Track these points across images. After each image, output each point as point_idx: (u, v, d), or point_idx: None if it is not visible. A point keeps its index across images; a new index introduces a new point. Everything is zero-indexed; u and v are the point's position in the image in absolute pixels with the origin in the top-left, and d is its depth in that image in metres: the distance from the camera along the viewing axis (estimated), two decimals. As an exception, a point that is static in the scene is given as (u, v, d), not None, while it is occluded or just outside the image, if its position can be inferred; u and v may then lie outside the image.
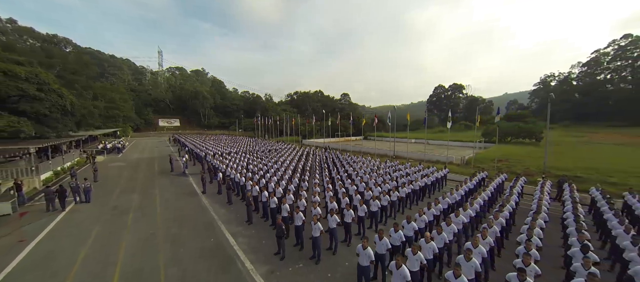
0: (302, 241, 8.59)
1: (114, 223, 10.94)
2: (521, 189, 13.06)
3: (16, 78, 18.84)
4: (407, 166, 18.18)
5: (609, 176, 15.96)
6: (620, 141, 39.62)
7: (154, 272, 7.39)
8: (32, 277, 7.15)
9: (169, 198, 14.44)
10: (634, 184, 14.46)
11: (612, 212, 8.55)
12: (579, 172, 17.09)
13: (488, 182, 14.05)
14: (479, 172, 15.38)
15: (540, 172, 16.92)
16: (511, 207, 9.56)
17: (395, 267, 5.34)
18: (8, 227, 10.35)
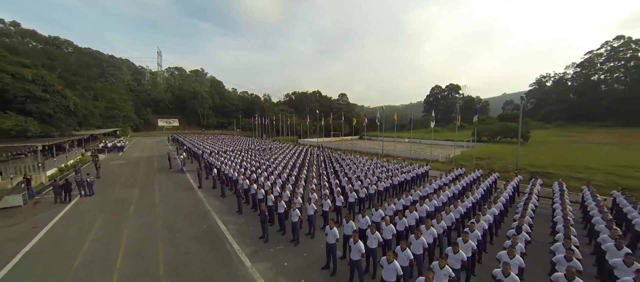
0: (284, 227, 9.70)
1: (117, 213, 12.05)
2: (515, 187, 13.15)
3: (23, 80, 19.97)
4: (393, 163, 19.30)
5: (578, 173, 17.11)
6: (606, 140, 40.79)
7: (153, 251, 8.51)
8: (48, 257, 8.25)
9: (167, 192, 15.55)
10: (598, 180, 15.63)
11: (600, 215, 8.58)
12: (551, 168, 18.26)
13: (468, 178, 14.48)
14: (456, 169, 16.51)
15: (515, 169, 18.05)
16: (502, 203, 9.85)
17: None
18: (22, 216, 11.46)
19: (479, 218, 7.66)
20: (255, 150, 28.76)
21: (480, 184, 12.84)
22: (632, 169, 17.51)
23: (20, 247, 8.75)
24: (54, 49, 36.54)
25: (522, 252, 6.30)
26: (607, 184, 14.67)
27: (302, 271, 7.38)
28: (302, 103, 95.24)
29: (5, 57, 20.23)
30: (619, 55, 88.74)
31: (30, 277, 7.17)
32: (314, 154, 25.95)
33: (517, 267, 5.66)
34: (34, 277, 7.17)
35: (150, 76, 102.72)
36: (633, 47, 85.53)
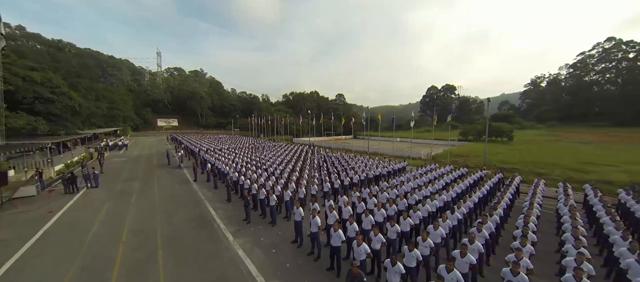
0: (265, 211, 11.30)
1: (120, 201, 13.64)
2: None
3: (33, 82, 21.56)
4: (376, 160, 20.93)
5: (541, 168, 18.74)
6: (590, 139, 42.40)
7: (153, 230, 10.11)
8: (64, 234, 9.85)
9: (165, 185, 17.15)
10: (556, 174, 17.24)
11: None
12: (518, 165, 19.87)
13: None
14: (429, 164, 18.13)
15: (482, 165, 19.65)
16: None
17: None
18: (37, 204, 13.07)
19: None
20: (248, 148, 30.36)
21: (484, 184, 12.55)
22: (590, 164, 19.13)
23: (40, 227, 10.35)
24: (58, 52, 38.14)
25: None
26: (561, 177, 16.25)
27: (275, 244, 8.98)
28: (299, 103, 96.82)
29: (16, 62, 21.85)
30: (611, 56, 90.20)
31: (51, 247, 8.78)
32: (305, 151, 27.55)
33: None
34: (55, 247, 8.77)
35: (150, 76, 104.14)
36: (624, 48, 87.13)
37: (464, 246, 5.97)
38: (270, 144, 35.71)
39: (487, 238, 7.13)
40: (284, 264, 7.69)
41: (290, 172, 16.27)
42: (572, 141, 41.48)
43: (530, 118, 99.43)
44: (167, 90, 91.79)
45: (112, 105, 51.81)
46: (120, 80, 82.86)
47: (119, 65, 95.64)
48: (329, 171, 15.94)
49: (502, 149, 29.89)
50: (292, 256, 8.15)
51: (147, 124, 77.13)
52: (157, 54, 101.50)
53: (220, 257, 8.15)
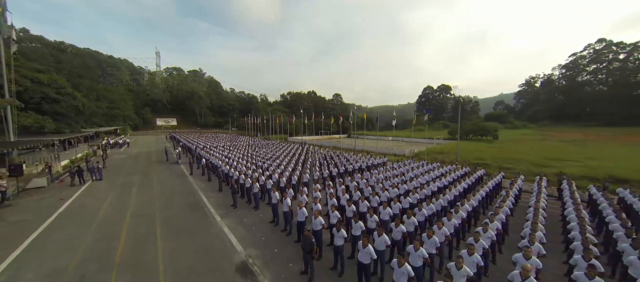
0: (250, 198, 12.90)
1: (123, 192, 15.23)
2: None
3: (40, 84, 23.07)
4: (359, 155, 22.55)
5: (509, 163, 20.38)
6: (574, 138, 44.10)
7: (152, 213, 11.70)
8: (75, 216, 11.43)
9: (164, 178, 18.74)
10: (520, 168, 18.86)
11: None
12: (488, 160, 21.50)
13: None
14: (408, 160, 19.75)
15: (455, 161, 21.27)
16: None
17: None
18: (49, 193, 14.65)
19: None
20: (243, 146, 31.94)
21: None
22: (555, 160, 20.78)
23: (55, 210, 11.93)
24: (60, 53, 39.60)
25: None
26: (524, 171, 17.88)
27: (255, 224, 10.59)
28: (296, 103, 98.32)
29: (25, 64, 23.34)
30: (601, 57, 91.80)
31: (66, 225, 10.36)
32: (295, 148, 29.14)
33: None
34: (69, 225, 10.36)
35: (149, 76, 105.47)
36: (614, 49, 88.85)
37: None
38: (264, 142, 37.30)
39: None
40: (260, 238, 9.30)
41: (276, 165, 17.90)
42: (557, 139, 43.18)
43: (523, 118, 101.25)
44: (166, 90, 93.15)
45: (112, 104, 53.28)
46: (119, 80, 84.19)
47: (118, 65, 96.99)
48: (320, 163, 17.58)
49: (482, 147, 31.53)
50: (268, 232, 9.76)
51: (146, 124, 78.43)
52: (156, 54, 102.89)
53: (208, 233, 9.76)
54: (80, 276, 7.01)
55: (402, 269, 5.24)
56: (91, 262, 7.70)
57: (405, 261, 5.36)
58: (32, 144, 17.54)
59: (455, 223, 7.83)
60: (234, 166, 16.56)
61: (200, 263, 7.69)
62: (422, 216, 8.61)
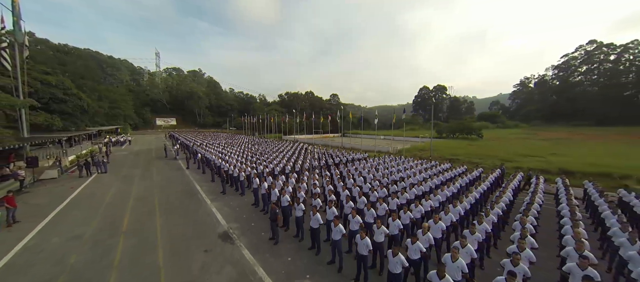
0: (237, 186, 14.74)
1: (126, 182, 17.08)
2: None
3: (48, 85, 24.87)
4: (343, 152, 24.43)
5: (479, 159, 22.25)
6: (558, 136, 45.91)
7: (152, 198, 13.56)
8: (85, 201, 13.27)
9: (162, 171, 20.60)
10: (487, 164, 20.69)
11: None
12: (461, 156, 23.36)
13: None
14: (385, 156, 21.62)
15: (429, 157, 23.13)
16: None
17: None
18: (60, 183, 16.51)
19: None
20: (239, 144, 33.81)
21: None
22: (522, 156, 22.66)
23: (67, 196, 13.79)
24: (64, 55, 41.43)
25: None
26: (490, 165, 19.69)
27: (239, 206, 12.42)
28: (294, 103, 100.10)
29: (34, 67, 25.16)
30: (593, 58, 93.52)
31: (78, 208, 12.21)
32: (286, 146, 31.06)
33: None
34: (80, 208, 12.21)
35: (149, 76, 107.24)
36: (605, 51, 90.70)
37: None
38: (260, 140, 39.19)
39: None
40: (241, 216, 11.16)
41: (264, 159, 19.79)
42: (540, 138, 45.01)
43: (517, 118, 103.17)
44: (166, 90, 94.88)
45: (113, 104, 55.12)
46: (119, 80, 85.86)
47: (118, 65, 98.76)
48: (298, 158, 19.46)
49: (463, 144, 33.38)
50: (249, 212, 11.62)
51: (146, 123, 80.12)
52: (156, 55, 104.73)
53: (198, 212, 11.63)
54: (94, 241, 8.87)
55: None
56: (103, 232, 9.57)
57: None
58: (44, 140, 19.37)
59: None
60: (225, 159, 18.43)
61: (191, 232, 9.56)
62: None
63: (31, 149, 20.71)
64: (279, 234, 8.81)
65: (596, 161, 19.16)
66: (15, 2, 18.53)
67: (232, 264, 7.42)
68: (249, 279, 6.74)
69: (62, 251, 8.11)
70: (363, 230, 6.46)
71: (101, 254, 7.95)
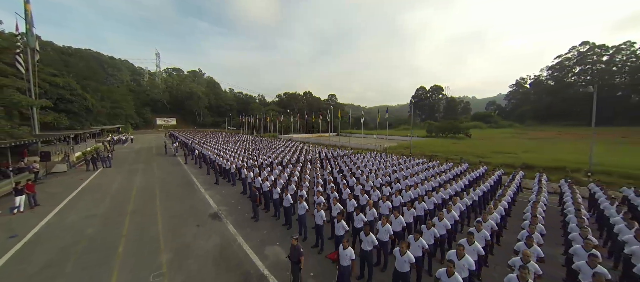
0: (228, 177, 16.46)
1: (129, 175, 18.81)
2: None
3: (56, 86, 26.58)
4: (331, 149, 26.15)
5: (455, 154, 23.96)
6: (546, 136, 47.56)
7: (153, 188, 15.28)
8: (93, 190, 15.00)
9: (162, 166, 22.33)
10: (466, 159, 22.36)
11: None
12: (440, 153, 25.07)
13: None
14: (366, 152, 23.33)
15: (409, 154, 24.81)
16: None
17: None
18: (69, 176, 18.25)
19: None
20: (236, 142, 35.55)
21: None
22: (497, 153, 24.36)
23: (77, 186, 15.53)
24: (68, 57, 43.17)
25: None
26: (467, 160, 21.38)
27: (230, 194, 14.13)
28: (291, 103, 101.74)
29: (43, 69, 26.86)
30: (586, 60, 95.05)
31: (88, 195, 13.94)
32: (278, 143, 32.83)
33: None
34: (90, 195, 13.94)
35: (149, 77, 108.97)
36: (598, 51, 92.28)
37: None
38: (254, 139, 40.96)
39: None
40: (230, 201, 12.88)
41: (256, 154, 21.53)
42: (527, 137, 46.64)
43: (512, 118, 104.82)
44: (166, 90, 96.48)
45: (115, 104, 56.84)
46: (120, 81, 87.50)
47: (119, 65, 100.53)
48: (285, 154, 21.22)
49: (446, 143, 35.12)
50: (237, 198, 13.34)
51: (146, 123, 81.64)
52: (156, 55, 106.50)
53: (193, 198, 13.36)
54: (105, 218, 10.61)
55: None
56: (112, 212, 11.30)
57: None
58: (54, 138, 21.10)
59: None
60: (219, 154, 20.16)
61: (186, 213, 11.29)
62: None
63: (41, 146, 22.43)
64: (259, 214, 10.55)
65: (560, 156, 20.83)
66: (28, 11, 20.27)
67: (218, 235, 9.16)
68: (230, 245, 8.46)
69: (79, 226, 9.84)
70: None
71: (112, 228, 9.69)
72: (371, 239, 6.29)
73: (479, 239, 6.38)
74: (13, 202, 11.21)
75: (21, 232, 9.19)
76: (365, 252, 6.36)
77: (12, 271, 6.96)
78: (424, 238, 6.40)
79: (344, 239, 6.11)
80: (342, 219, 7.32)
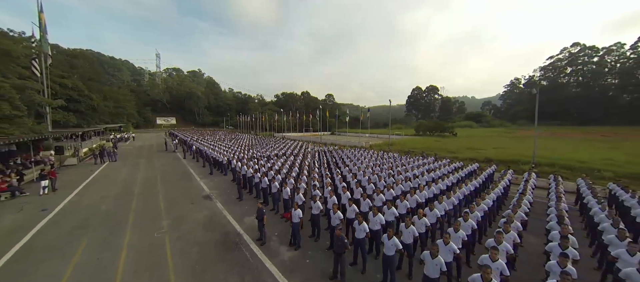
0: (220, 168, 18.69)
1: (134, 167, 21.04)
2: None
3: (65, 87, 28.75)
4: (320, 146, 28.38)
5: (430, 150, 26.17)
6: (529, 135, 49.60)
7: (154, 178, 17.49)
8: (103, 179, 17.23)
9: (163, 160, 24.56)
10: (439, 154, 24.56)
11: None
12: (416, 149, 27.27)
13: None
14: (354, 149, 25.53)
15: (387, 150, 27.00)
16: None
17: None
18: (79, 168, 20.48)
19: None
20: (233, 139, 37.81)
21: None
22: (470, 149, 26.58)
23: (89, 176, 17.75)
24: (73, 59, 45.35)
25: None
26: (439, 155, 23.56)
27: (222, 182, 16.35)
28: (289, 103, 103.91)
29: (52, 72, 29.03)
30: (577, 61, 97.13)
31: (99, 183, 16.17)
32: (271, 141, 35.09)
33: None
34: (100, 184, 16.17)
35: (149, 77, 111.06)
36: (588, 53, 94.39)
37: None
38: (251, 137, 43.23)
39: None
40: (221, 186, 15.11)
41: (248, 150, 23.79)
42: (509, 136, 48.84)
43: (506, 117, 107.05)
44: (166, 90, 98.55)
45: (117, 104, 59.01)
46: (120, 81, 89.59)
47: (120, 66, 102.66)
48: (273, 149, 23.45)
49: (429, 141, 37.42)
50: (227, 185, 15.57)
51: (147, 122, 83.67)
52: (157, 56, 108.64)
53: (190, 185, 15.59)
54: (116, 198, 12.83)
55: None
56: (121, 194, 13.54)
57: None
58: (66, 134, 23.34)
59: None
60: (214, 149, 22.39)
61: (183, 196, 13.51)
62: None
63: (53, 142, 24.67)
64: (243, 195, 12.78)
65: (522, 152, 23.07)
66: (42, 20, 22.50)
67: (208, 210, 11.38)
68: (216, 216, 10.68)
69: (95, 204, 12.07)
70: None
71: (122, 205, 11.92)
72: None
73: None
74: (39, 186, 13.45)
75: (50, 207, 11.44)
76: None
77: (50, 231, 9.20)
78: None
79: (295, 203, 7.81)
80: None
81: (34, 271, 6.73)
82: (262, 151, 22.42)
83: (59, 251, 7.76)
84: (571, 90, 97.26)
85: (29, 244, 8.25)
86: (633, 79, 76.74)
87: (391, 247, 5.82)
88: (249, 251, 7.84)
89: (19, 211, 11.03)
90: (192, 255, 7.59)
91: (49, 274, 6.61)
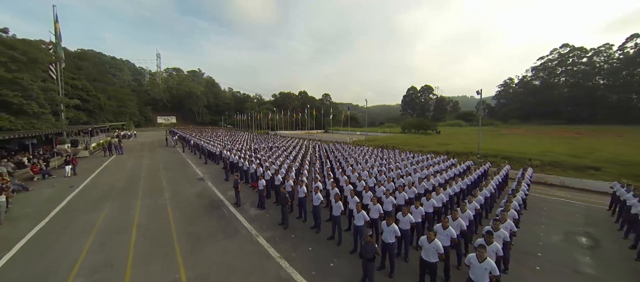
0: (215, 159, 21.64)
1: (139, 159, 24.02)
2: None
3: (76, 88, 31.67)
4: (306, 141, 31.29)
5: (408, 146, 29.08)
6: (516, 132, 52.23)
7: (157, 167, 20.45)
8: (114, 167, 20.19)
9: (164, 154, 27.54)
10: (414, 149, 27.46)
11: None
12: (399, 145, 30.17)
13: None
14: (341, 144, 28.44)
15: (367, 145, 29.91)
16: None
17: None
18: (92, 159, 23.48)
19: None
20: (231, 136, 40.77)
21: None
22: (444, 144, 29.57)
23: (100, 165, 20.72)
24: (79, 61, 48.23)
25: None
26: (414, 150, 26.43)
27: (216, 170, 19.25)
28: (286, 102, 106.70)
29: (65, 74, 31.95)
30: (567, 61, 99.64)
31: (109, 171, 19.14)
32: (266, 138, 38.03)
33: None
34: (111, 171, 19.13)
35: (150, 77, 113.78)
36: (578, 54, 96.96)
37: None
38: (247, 135, 46.27)
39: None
40: (213, 172, 18.08)
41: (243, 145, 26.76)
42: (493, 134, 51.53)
43: (498, 116, 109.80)
44: (166, 90, 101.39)
45: (120, 103, 61.98)
46: (122, 80, 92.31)
47: (121, 66, 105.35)
48: (266, 144, 26.39)
49: (411, 138, 40.38)
50: (218, 171, 18.49)
51: (147, 121, 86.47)
52: (157, 56, 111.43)
53: (187, 171, 18.57)
54: (127, 180, 15.82)
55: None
56: (130, 177, 16.53)
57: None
58: (79, 130, 26.34)
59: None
60: (209, 143, 25.36)
61: (181, 178, 16.49)
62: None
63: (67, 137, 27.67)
64: (229, 176, 15.76)
65: (484, 146, 25.95)
66: (57, 29, 25.43)
67: (200, 187, 14.36)
68: (206, 191, 13.64)
69: (109, 184, 15.04)
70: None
71: (132, 184, 14.91)
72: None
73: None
74: (64, 170, 16.45)
75: (76, 185, 14.43)
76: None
77: (80, 199, 12.17)
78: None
79: (260, 175, 11.22)
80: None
81: (76, 219, 9.72)
82: (261, 145, 25.31)
83: (91, 208, 10.76)
84: (562, 90, 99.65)
85: (67, 206, 11.24)
86: (620, 79, 79.32)
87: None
88: (227, 209, 10.82)
89: (52, 187, 14.03)
90: (186, 212, 10.57)
91: (87, 221, 9.58)
